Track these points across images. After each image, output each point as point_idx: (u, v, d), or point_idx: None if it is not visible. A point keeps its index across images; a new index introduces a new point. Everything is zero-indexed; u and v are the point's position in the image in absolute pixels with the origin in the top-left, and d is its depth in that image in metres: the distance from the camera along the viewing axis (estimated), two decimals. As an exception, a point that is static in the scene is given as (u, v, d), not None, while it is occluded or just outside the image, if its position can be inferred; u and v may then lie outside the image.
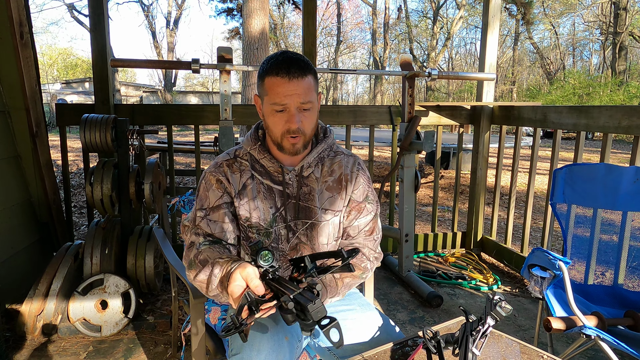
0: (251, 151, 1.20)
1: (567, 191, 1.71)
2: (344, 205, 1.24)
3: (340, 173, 1.23)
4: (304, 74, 1.08)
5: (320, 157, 1.23)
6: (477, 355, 0.86)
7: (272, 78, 1.07)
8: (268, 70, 1.09)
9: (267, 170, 1.19)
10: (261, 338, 1.05)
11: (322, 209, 1.21)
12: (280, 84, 1.06)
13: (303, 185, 1.20)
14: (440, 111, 3.12)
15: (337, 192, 1.23)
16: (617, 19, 20.22)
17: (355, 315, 1.25)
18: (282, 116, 1.09)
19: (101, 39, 2.58)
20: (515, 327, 2.29)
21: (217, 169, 1.19)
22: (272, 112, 1.10)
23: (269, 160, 1.18)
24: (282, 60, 1.07)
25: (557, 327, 1.41)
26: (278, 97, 1.07)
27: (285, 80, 1.06)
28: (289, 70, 1.06)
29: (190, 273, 1.11)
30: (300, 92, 1.07)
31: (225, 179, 1.17)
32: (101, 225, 2.28)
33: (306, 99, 1.08)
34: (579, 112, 2.38)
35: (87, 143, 2.24)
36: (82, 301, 2.09)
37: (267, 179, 1.18)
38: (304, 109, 1.09)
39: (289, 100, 1.07)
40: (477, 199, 3.27)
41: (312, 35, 2.87)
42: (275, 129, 1.11)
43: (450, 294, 2.69)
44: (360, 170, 1.27)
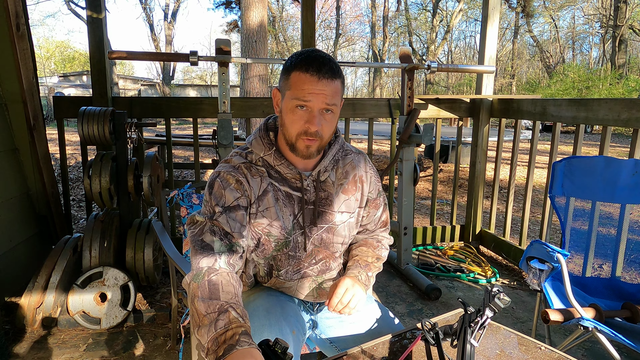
0: (265, 157, 1.11)
1: (566, 184, 1.71)
2: (359, 206, 1.21)
3: (354, 174, 1.20)
4: (334, 77, 1.02)
5: (335, 159, 1.18)
6: (475, 347, 0.86)
7: (301, 73, 1.01)
8: (297, 64, 1.02)
9: (283, 177, 1.12)
10: (270, 330, 1.04)
11: (339, 212, 1.17)
12: (308, 81, 1.00)
13: (320, 191, 1.15)
14: (440, 104, 3.11)
15: (352, 193, 1.19)
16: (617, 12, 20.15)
17: (358, 308, 1.25)
18: (302, 114, 1.02)
19: (98, 31, 2.56)
20: (513, 319, 2.30)
21: (236, 170, 1.09)
22: (292, 108, 1.03)
23: (287, 167, 1.11)
24: (314, 58, 1.02)
25: (555, 318, 1.42)
26: (302, 93, 1.01)
27: (314, 78, 1.00)
28: (320, 69, 1.00)
29: (192, 286, 0.95)
30: (327, 92, 1.01)
31: (246, 181, 1.08)
32: (100, 218, 2.28)
33: (331, 102, 1.02)
34: (578, 105, 2.37)
35: (85, 136, 2.23)
36: (81, 294, 2.10)
37: (285, 186, 1.12)
38: (326, 110, 1.03)
39: (313, 99, 1.01)
40: (475, 192, 3.27)
41: (311, 27, 2.85)
42: (292, 128, 1.04)
43: (448, 286, 2.70)
44: (372, 168, 1.25)
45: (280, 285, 1.20)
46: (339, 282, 1.11)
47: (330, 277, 1.22)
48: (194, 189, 1.83)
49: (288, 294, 1.23)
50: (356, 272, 1.17)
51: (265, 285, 1.23)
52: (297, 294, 1.22)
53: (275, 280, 1.19)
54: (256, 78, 7.79)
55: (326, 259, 1.19)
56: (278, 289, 1.22)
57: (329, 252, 1.19)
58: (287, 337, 1.06)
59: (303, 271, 1.18)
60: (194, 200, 1.79)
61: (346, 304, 1.08)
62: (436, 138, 3.16)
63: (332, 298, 1.08)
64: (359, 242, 1.28)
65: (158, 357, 1.91)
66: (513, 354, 1.01)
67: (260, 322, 1.07)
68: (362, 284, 1.15)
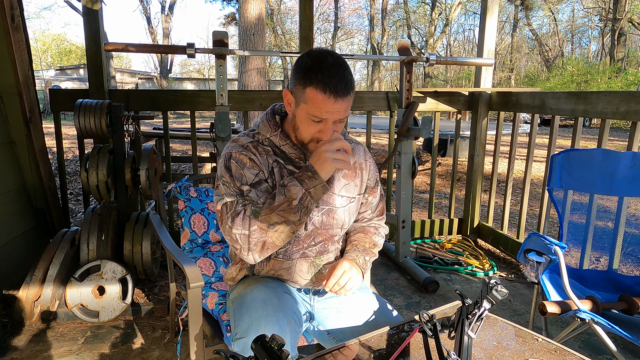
0: (271, 137, 1.17)
1: (564, 177, 1.71)
2: (359, 193, 1.26)
3: (354, 161, 1.25)
4: (349, 93, 1.06)
5: None
6: (472, 338, 0.87)
7: (318, 93, 1.02)
8: (313, 80, 1.03)
9: (288, 156, 1.18)
10: (267, 322, 1.06)
11: (339, 195, 1.21)
12: (325, 102, 1.03)
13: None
14: (438, 97, 3.10)
15: (352, 179, 1.24)
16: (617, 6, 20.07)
17: (355, 299, 1.26)
18: (316, 126, 1.08)
19: (94, 22, 2.54)
20: (510, 311, 2.31)
21: (245, 150, 1.15)
22: (307, 120, 1.08)
23: (291, 147, 1.16)
24: (330, 76, 1.02)
25: (552, 311, 1.42)
26: (319, 112, 1.05)
27: (331, 100, 1.03)
28: (336, 89, 1.02)
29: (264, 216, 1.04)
30: (342, 110, 1.05)
31: (256, 157, 1.14)
32: (97, 212, 2.27)
33: (344, 116, 1.08)
34: (577, 98, 2.37)
35: (81, 129, 2.22)
36: (79, 287, 2.10)
37: (290, 164, 1.17)
38: (340, 120, 1.09)
39: (329, 116, 1.05)
40: (474, 185, 3.27)
41: (309, 20, 2.83)
42: (305, 134, 1.11)
43: (446, 279, 2.70)
44: (370, 158, 1.31)
45: (279, 266, 1.21)
46: (338, 264, 1.16)
47: (328, 259, 1.25)
48: (191, 182, 1.83)
49: (286, 280, 1.23)
50: (354, 255, 1.22)
51: (262, 272, 1.23)
52: (295, 277, 1.22)
53: (274, 261, 1.21)
54: (254, 71, 7.75)
55: (325, 242, 1.23)
56: (276, 272, 1.23)
57: (328, 235, 1.22)
58: (285, 328, 1.06)
59: (302, 251, 1.21)
60: (191, 193, 1.79)
61: (342, 286, 1.13)
62: (434, 131, 3.16)
63: (329, 279, 1.14)
64: (357, 229, 1.33)
65: (156, 350, 1.92)
66: (510, 346, 1.01)
67: (257, 313, 1.07)
68: (359, 267, 1.19)
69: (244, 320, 1.08)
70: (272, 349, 0.76)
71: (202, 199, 1.79)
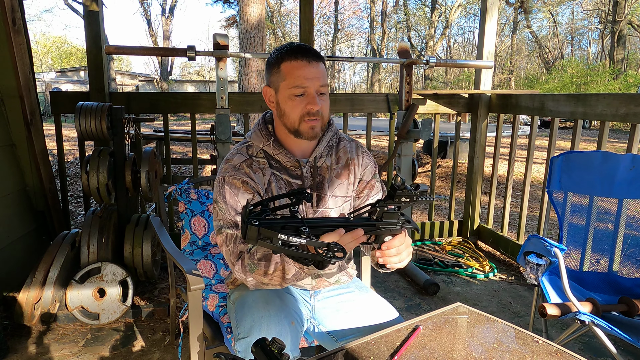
0: (264, 148, 1.17)
1: (564, 179, 1.71)
2: (353, 190, 1.26)
3: (346, 159, 1.25)
4: (320, 60, 1.11)
5: (329, 145, 1.24)
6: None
7: (291, 62, 1.08)
8: (284, 55, 1.09)
9: (283, 166, 1.18)
10: (269, 322, 1.06)
11: (333, 196, 1.21)
12: (301, 67, 1.07)
13: (317, 176, 1.21)
14: (438, 99, 3.11)
15: (346, 177, 1.24)
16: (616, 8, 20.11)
17: (354, 298, 1.26)
18: (301, 100, 1.09)
19: (95, 25, 2.54)
20: (510, 314, 2.31)
21: (238, 172, 1.14)
22: (291, 97, 1.09)
23: (285, 155, 1.16)
24: (297, 47, 1.10)
25: (552, 313, 1.43)
26: (299, 80, 1.07)
27: (305, 63, 1.07)
28: (307, 54, 1.08)
29: (257, 275, 1.05)
30: (319, 75, 1.09)
31: (251, 179, 1.13)
32: (98, 214, 2.27)
33: (324, 82, 1.10)
34: (576, 100, 2.37)
35: (82, 131, 2.22)
36: (79, 289, 2.10)
37: (285, 174, 1.17)
38: (322, 93, 1.11)
39: (309, 83, 1.08)
40: (474, 187, 3.28)
41: (309, 22, 2.84)
42: (294, 113, 1.10)
43: (446, 281, 2.70)
44: (365, 152, 1.29)
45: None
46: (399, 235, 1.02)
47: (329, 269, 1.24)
48: (191, 185, 1.83)
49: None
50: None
51: None
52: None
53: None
54: (254, 73, 7.77)
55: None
56: None
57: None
58: (286, 328, 1.06)
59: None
60: (192, 195, 1.79)
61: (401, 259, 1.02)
62: (434, 133, 3.16)
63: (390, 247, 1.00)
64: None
65: (157, 352, 1.92)
66: (511, 348, 1.01)
67: (259, 313, 1.08)
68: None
69: (246, 320, 1.08)
70: (272, 353, 0.76)
71: (203, 201, 1.79)
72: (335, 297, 1.26)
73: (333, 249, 0.81)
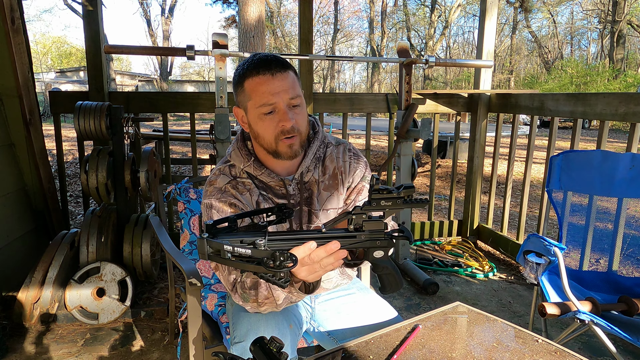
0: (246, 169, 1.10)
1: (564, 178, 1.71)
2: (344, 200, 1.19)
3: (333, 167, 1.16)
4: (285, 69, 1.00)
5: (317, 157, 1.15)
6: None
7: (253, 78, 0.99)
8: (245, 72, 1.01)
9: (268, 185, 1.12)
10: (266, 325, 1.04)
11: (323, 209, 1.15)
12: (264, 82, 0.98)
13: (305, 191, 1.14)
14: (438, 99, 3.11)
15: (335, 188, 1.16)
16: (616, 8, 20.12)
17: (354, 299, 1.26)
18: (272, 118, 1.01)
19: (94, 24, 2.54)
20: (510, 313, 2.31)
21: (224, 194, 1.08)
22: (260, 117, 1.01)
23: (268, 175, 1.10)
24: (258, 60, 1.00)
25: (552, 312, 1.42)
26: (265, 97, 0.99)
27: (268, 77, 0.98)
28: (269, 67, 0.99)
29: (252, 304, 1.01)
30: (286, 87, 0.99)
31: (238, 201, 1.07)
32: (97, 214, 2.27)
33: (294, 94, 1.00)
34: (576, 100, 2.37)
35: (81, 131, 2.22)
36: (78, 289, 2.09)
37: (270, 193, 1.11)
38: (294, 105, 1.01)
39: (277, 99, 0.99)
40: (473, 187, 3.27)
41: (308, 21, 2.83)
42: (267, 134, 1.02)
43: (446, 281, 2.70)
44: (353, 156, 1.19)
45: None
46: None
47: (327, 276, 1.22)
48: (191, 184, 1.83)
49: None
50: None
51: None
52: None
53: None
54: (254, 73, 7.75)
55: None
56: None
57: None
58: (284, 332, 1.06)
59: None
60: (191, 195, 1.79)
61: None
62: (434, 133, 3.16)
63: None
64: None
65: (156, 352, 1.91)
66: (510, 347, 1.01)
67: (256, 316, 1.07)
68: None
69: (243, 323, 1.07)
70: (271, 352, 0.76)
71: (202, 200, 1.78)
72: (336, 300, 1.25)
73: (279, 257, 0.70)
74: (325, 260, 0.78)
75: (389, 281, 0.89)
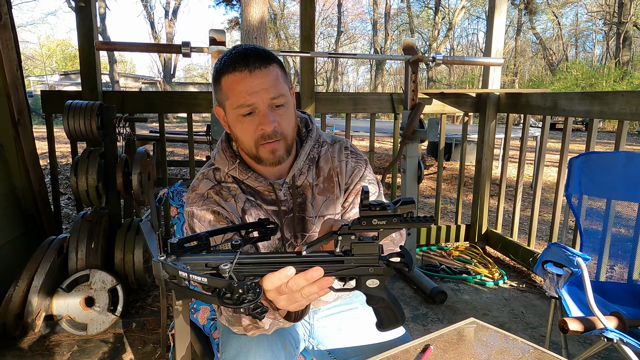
0: (231, 172, 0.99)
1: (584, 181, 1.58)
2: (341, 205, 1.06)
3: (328, 169, 1.04)
4: (267, 63, 0.88)
5: (310, 158, 1.04)
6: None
7: (230, 76, 0.88)
8: (222, 68, 0.89)
9: (255, 190, 1.01)
10: (257, 347, 0.93)
11: (319, 216, 1.03)
12: (242, 80, 0.87)
13: (298, 197, 1.02)
14: (444, 99, 2.99)
15: (331, 192, 1.04)
16: (622, 9, 19.95)
17: (357, 314, 1.14)
18: (251, 120, 0.89)
19: (87, 21, 2.44)
20: (523, 324, 2.18)
21: (207, 200, 0.97)
22: (239, 119, 0.90)
23: (255, 179, 0.98)
24: (236, 54, 0.88)
25: (575, 328, 1.30)
26: (242, 97, 0.87)
27: (245, 74, 0.87)
28: (247, 62, 0.87)
29: (237, 327, 0.89)
30: (267, 85, 0.87)
31: (222, 208, 0.96)
32: (87, 218, 2.16)
33: (277, 93, 0.88)
34: (592, 99, 2.25)
35: (70, 131, 2.11)
36: (66, 298, 1.98)
37: (259, 199, 1.00)
38: (277, 106, 0.89)
39: (255, 99, 0.87)
40: (481, 190, 3.15)
41: (310, 18, 2.73)
42: (246, 139, 0.91)
43: (454, 289, 2.58)
44: (350, 155, 1.07)
45: None
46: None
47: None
48: (184, 187, 1.72)
49: None
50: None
51: None
52: None
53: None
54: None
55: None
56: None
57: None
58: (279, 353, 0.94)
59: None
60: (184, 199, 1.68)
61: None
62: (440, 134, 3.04)
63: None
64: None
65: (146, 366, 1.80)
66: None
67: (246, 337, 0.95)
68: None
69: (232, 344, 0.96)
70: None
71: (195, 205, 1.67)
72: (337, 315, 1.13)
73: (237, 290, 0.56)
74: (307, 289, 0.65)
75: (386, 316, 0.73)
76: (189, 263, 0.64)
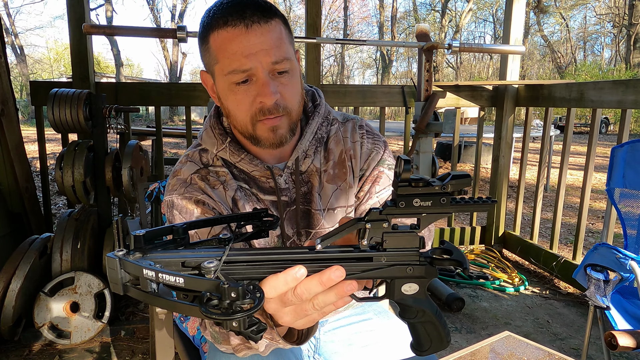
0: (220, 154, 0.81)
1: (629, 174, 1.39)
2: (355, 195, 0.89)
3: (340, 152, 0.86)
4: (268, 17, 0.70)
5: (317, 138, 0.85)
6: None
7: (220, 32, 0.69)
8: (212, 22, 0.70)
9: (250, 176, 0.83)
10: None
11: (328, 209, 0.86)
12: (236, 37, 0.68)
13: (302, 185, 0.85)
14: (459, 92, 2.80)
15: (342, 179, 0.86)
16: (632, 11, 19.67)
17: (371, 326, 0.96)
18: (247, 90, 0.71)
19: (78, 7, 2.29)
20: (550, 335, 1.97)
21: (189, 188, 0.79)
22: (231, 88, 0.72)
23: (249, 162, 0.80)
24: (229, 3, 0.70)
25: (625, 344, 1.10)
26: (236, 59, 0.69)
27: (240, 30, 0.68)
28: (243, 14, 0.68)
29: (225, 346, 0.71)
30: (268, 45, 0.69)
31: (207, 197, 0.79)
32: (74, 216, 2.00)
33: (280, 56, 0.70)
34: (625, 87, 2.05)
35: (56, 122, 1.95)
36: (48, 303, 1.81)
37: (254, 187, 0.82)
38: (280, 72, 0.72)
39: (253, 63, 0.69)
40: (498, 190, 2.95)
41: (316, 5, 2.56)
42: (241, 113, 0.73)
43: (472, 295, 2.38)
44: (365, 134, 0.89)
45: None
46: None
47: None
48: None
49: None
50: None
51: None
52: None
53: None
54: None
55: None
56: None
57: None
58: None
59: None
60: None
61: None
62: (455, 130, 2.85)
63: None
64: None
65: (133, 380, 1.62)
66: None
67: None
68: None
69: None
70: None
71: (187, 200, 1.50)
72: (347, 328, 0.95)
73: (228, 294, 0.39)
74: (321, 297, 0.47)
75: (426, 335, 0.52)
76: (160, 261, 0.47)
